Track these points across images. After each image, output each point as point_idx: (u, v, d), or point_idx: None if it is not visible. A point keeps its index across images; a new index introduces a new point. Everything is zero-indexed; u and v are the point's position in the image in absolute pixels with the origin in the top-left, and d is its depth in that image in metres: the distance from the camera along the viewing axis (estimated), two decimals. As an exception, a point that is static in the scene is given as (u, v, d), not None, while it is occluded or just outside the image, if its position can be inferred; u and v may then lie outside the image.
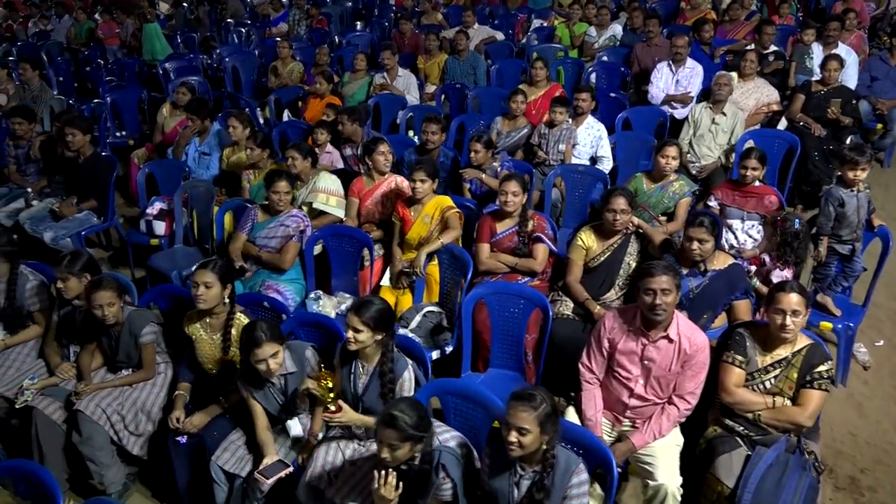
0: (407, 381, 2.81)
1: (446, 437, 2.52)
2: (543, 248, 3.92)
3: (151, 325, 3.35)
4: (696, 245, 3.37)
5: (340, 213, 4.52)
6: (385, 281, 4.15)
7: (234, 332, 3.16)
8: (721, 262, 3.47)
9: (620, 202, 3.64)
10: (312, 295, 4.09)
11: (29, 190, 5.39)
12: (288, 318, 3.40)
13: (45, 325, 3.68)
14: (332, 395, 2.72)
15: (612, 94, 6.30)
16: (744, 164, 4.11)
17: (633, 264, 3.76)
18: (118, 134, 7.20)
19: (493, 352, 3.55)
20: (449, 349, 3.70)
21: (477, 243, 4.03)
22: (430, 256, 3.99)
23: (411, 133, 6.30)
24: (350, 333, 2.76)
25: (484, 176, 4.76)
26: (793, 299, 2.70)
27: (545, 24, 9.19)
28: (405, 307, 3.96)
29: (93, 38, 10.40)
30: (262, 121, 6.97)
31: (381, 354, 2.84)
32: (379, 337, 2.79)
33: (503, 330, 3.50)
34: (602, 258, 3.77)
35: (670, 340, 2.86)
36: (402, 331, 3.76)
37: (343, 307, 4.08)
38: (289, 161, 4.45)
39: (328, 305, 4.04)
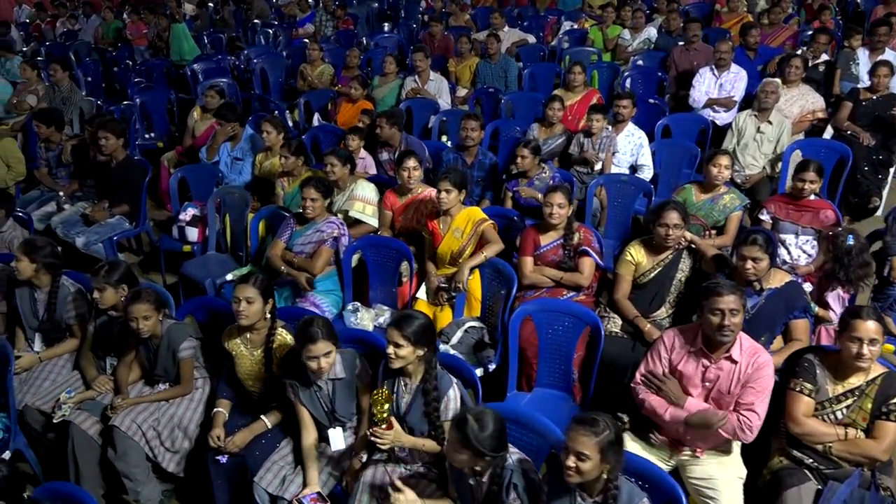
0: (452, 401, 2.70)
1: (515, 457, 2.40)
2: (590, 262, 3.79)
3: (190, 340, 3.26)
4: (750, 264, 3.22)
5: (376, 223, 4.42)
6: (421, 295, 4.02)
7: (275, 347, 3.06)
8: (777, 280, 3.32)
9: (673, 216, 3.50)
10: (350, 307, 3.98)
11: (61, 193, 5.34)
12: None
13: (81, 336, 3.60)
14: (385, 413, 2.61)
15: (652, 101, 6.13)
16: (800, 176, 3.95)
17: (685, 280, 3.62)
18: (147, 136, 7.14)
19: (539, 370, 3.42)
20: (492, 367, 3.58)
21: (520, 256, 3.91)
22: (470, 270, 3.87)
23: (444, 138, 6.18)
24: (391, 349, 2.67)
25: (540, 196, 4.59)
26: (870, 327, 2.56)
27: (575, 27, 9.04)
28: (444, 323, 3.84)
29: (120, 38, 10.41)
30: (290, 124, 6.89)
31: (423, 371, 2.73)
32: (421, 352, 2.69)
33: (551, 348, 3.37)
34: (652, 274, 3.63)
35: (733, 361, 2.74)
36: (442, 347, 3.65)
37: (381, 320, 3.98)
38: (327, 168, 4.35)
39: (366, 318, 3.93)
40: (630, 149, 5.32)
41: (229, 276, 4.46)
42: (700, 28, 6.74)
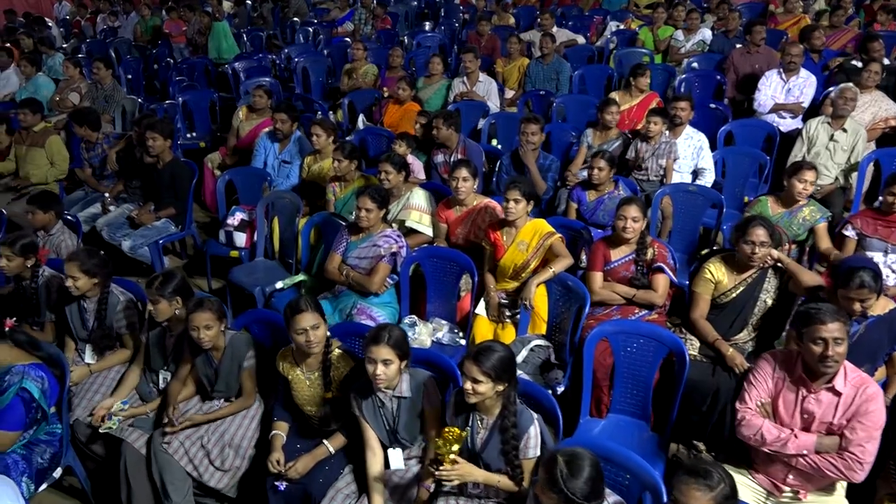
0: (533, 438, 2.49)
1: (612, 499, 2.20)
2: (665, 278, 3.57)
3: (252, 350, 3.11)
4: (858, 306, 2.95)
5: (431, 233, 4.24)
6: (480, 311, 3.82)
7: (333, 371, 2.89)
8: (880, 306, 3.06)
9: (760, 233, 3.25)
10: (407, 320, 3.81)
11: (106, 195, 5.24)
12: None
13: (133, 347, 3.47)
14: (454, 451, 2.42)
15: (713, 105, 5.86)
16: (892, 189, 3.68)
17: (770, 302, 3.37)
18: (188, 135, 7.04)
19: (614, 395, 3.21)
20: (560, 389, 3.37)
21: (588, 271, 3.69)
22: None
23: (494, 141, 5.99)
24: (469, 385, 2.45)
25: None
26: None
27: (622, 27, 8.77)
28: (507, 340, 3.63)
29: (158, 36, 10.36)
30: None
31: (502, 406, 2.53)
32: (501, 388, 2.48)
33: (628, 373, 3.15)
34: (734, 294, 3.39)
35: (836, 393, 2.52)
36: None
37: (439, 335, 3.80)
38: (381, 174, 4.17)
39: (424, 332, 3.75)
40: (690, 152, 5.08)
41: (279, 285, 4.31)
42: (765, 31, 6.43)
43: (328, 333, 2.90)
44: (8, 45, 8.82)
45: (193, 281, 5.20)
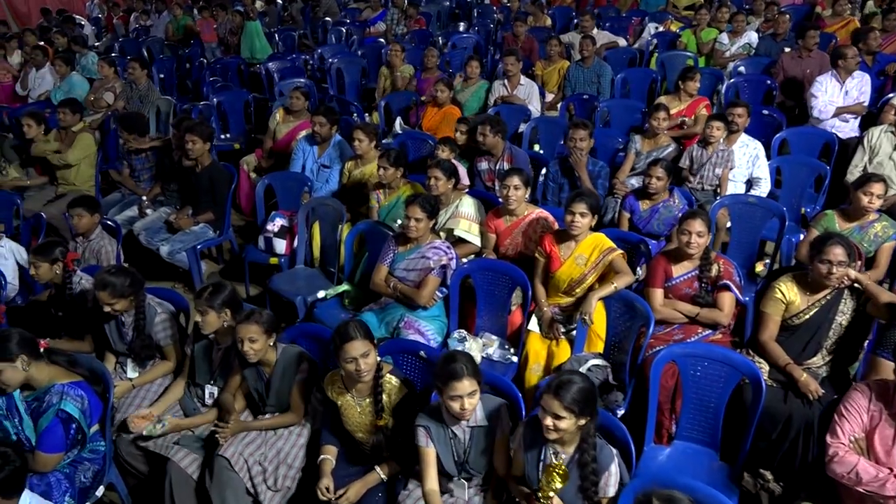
0: (613, 476, 2.33)
1: None
2: (731, 297, 3.39)
3: (306, 364, 2.98)
4: None
5: (479, 243, 4.09)
6: (532, 326, 3.66)
7: (385, 397, 2.75)
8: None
9: (838, 252, 3.06)
10: (456, 335, 3.66)
11: (144, 198, 5.15)
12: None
13: (176, 359, 3.36)
14: (557, 489, 2.27)
15: (766, 112, 5.64)
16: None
17: (845, 325, 3.18)
18: (223, 136, 6.94)
19: (681, 422, 3.04)
20: (620, 412, 3.21)
21: (648, 288, 3.52)
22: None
23: (537, 147, 5.81)
24: (549, 420, 2.29)
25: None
26: None
27: (661, 29, 8.55)
28: (561, 359, 3.48)
29: (190, 35, 10.31)
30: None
31: (580, 441, 2.37)
32: (582, 422, 2.32)
33: (697, 398, 2.98)
34: (807, 315, 3.20)
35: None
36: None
37: (489, 351, 3.65)
38: (430, 181, 4.03)
39: (474, 348, 3.60)
40: (746, 161, 4.89)
41: (321, 294, 4.19)
42: (818, 35, 6.20)
43: (378, 357, 2.76)
44: (42, 43, 8.82)
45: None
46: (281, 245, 4.59)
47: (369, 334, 2.70)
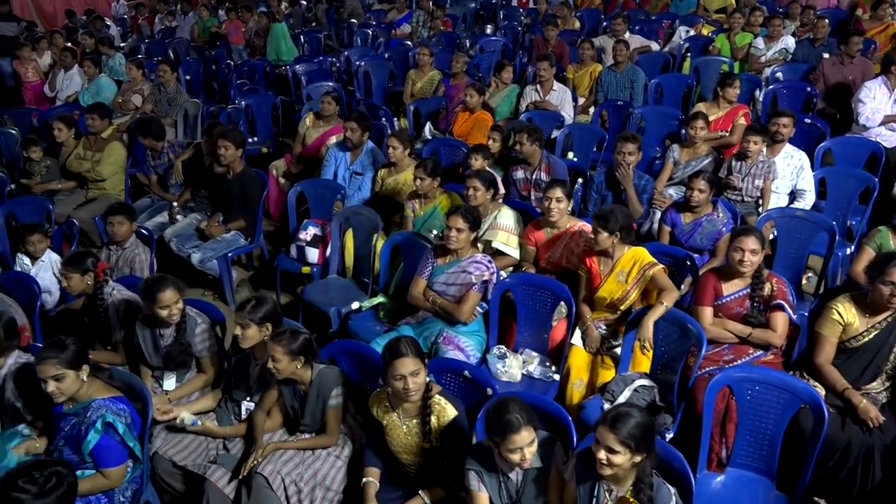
0: (670, 516, 2.23)
1: None
2: (785, 318, 3.26)
3: (340, 388, 2.90)
4: None
5: (517, 256, 3.99)
6: (576, 341, 3.56)
7: (433, 419, 2.66)
8: None
9: (902, 274, 2.93)
10: (496, 351, 3.57)
11: (174, 204, 5.10)
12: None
13: (213, 372, 3.30)
14: None
15: (808, 120, 5.49)
16: None
17: (908, 349, 3.05)
18: (250, 140, 6.88)
19: (735, 448, 2.92)
20: (669, 436, 3.10)
21: (696, 306, 3.40)
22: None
23: (570, 154, 5.70)
24: (602, 454, 2.18)
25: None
26: None
27: (692, 32, 8.39)
28: (606, 377, 3.38)
29: (216, 36, 10.29)
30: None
31: (636, 478, 2.25)
32: (638, 459, 2.20)
33: (753, 424, 2.86)
34: (866, 338, 3.07)
35: None
36: (606, 406, 3.20)
37: (530, 368, 3.55)
38: (469, 191, 3.94)
39: (514, 365, 3.51)
40: (790, 172, 4.74)
41: (355, 305, 4.12)
42: (862, 41, 6.03)
43: (428, 378, 2.67)
44: (70, 45, 8.85)
45: (260, 293, 5.05)
46: (313, 254, 4.52)
47: (420, 352, 2.62)
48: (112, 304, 3.44)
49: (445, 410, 2.67)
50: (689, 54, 7.85)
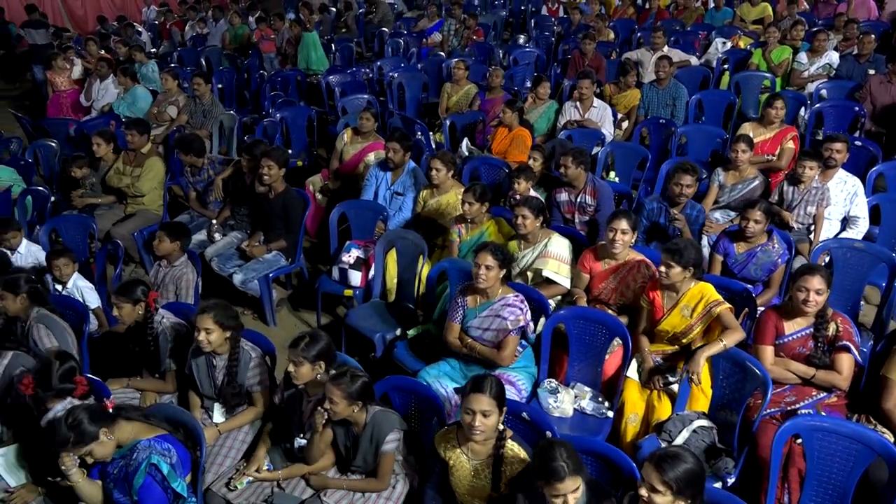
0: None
1: None
2: (850, 359, 3.16)
3: (396, 432, 2.84)
4: None
5: (569, 285, 3.91)
6: (632, 374, 3.48)
7: (506, 468, 2.59)
8: None
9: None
10: (547, 385, 3.50)
11: (213, 221, 5.08)
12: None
13: (264, 406, 3.26)
14: None
15: (858, 143, 5.35)
16: None
17: (983, 396, 2.94)
18: (285, 153, 6.86)
19: (802, 500, 2.82)
20: (731, 480, 3.01)
21: (757, 345, 3.31)
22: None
23: (612, 174, 5.62)
24: (644, 492, 2.18)
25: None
26: None
27: (729, 44, 8.24)
28: (662, 414, 3.30)
29: (247, 44, 10.30)
30: (433, 146, 6.46)
31: None
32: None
33: (823, 476, 2.77)
34: (938, 384, 2.97)
35: None
36: (663, 446, 3.11)
37: (582, 403, 3.47)
38: (517, 219, 3.87)
39: (566, 400, 3.44)
40: (843, 198, 4.63)
41: (399, 332, 4.07)
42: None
43: (501, 426, 2.60)
44: (105, 54, 8.89)
45: (299, 314, 5.02)
46: (356, 277, 4.47)
47: (501, 396, 2.57)
48: (162, 332, 3.41)
49: (518, 459, 2.60)
50: (724, 66, 7.74)
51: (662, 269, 3.34)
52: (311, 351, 2.91)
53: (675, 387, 3.38)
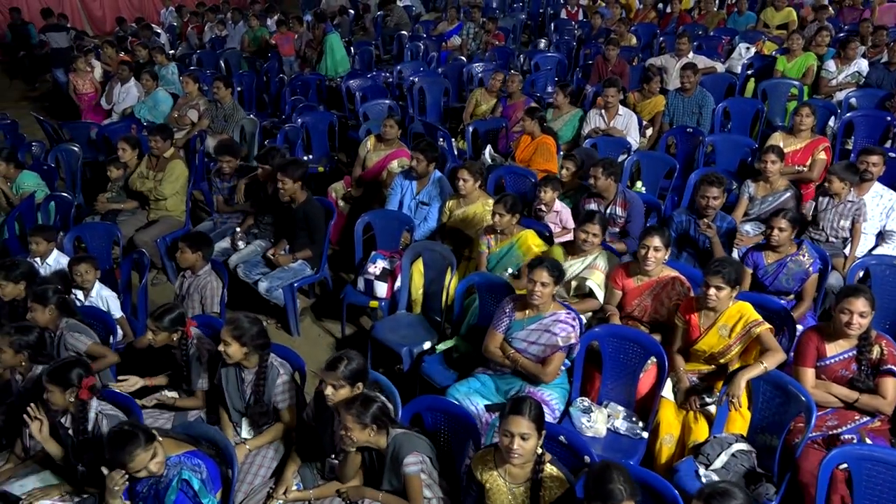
0: None
1: None
2: (895, 383, 3.07)
3: (417, 455, 2.76)
4: None
5: (602, 301, 3.85)
6: (666, 393, 3.41)
7: (545, 493, 2.53)
8: None
9: None
10: (580, 404, 3.43)
11: (237, 229, 5.04)
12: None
13: (291, 423, 3.21)
14: None
15: (893, 154, 5.23)
16: None
17: None
18: (305, 158, 6.79)
19: (848, 530, 2.75)
20: (771, 507, 2.94)
21: (798, 366, 3.22)
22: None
23: (639, 184, 5.54)
24: None
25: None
26: None
27: (753, 49, 8.13)
28: (699, 436, 3.23)
29: (266, 46, 10.27)
30: (455, 153, 6.40)
31: None
32: None
33: (870, 506, 2.69)
34: None
35: None
36: (701, 470, 3.05)
37: (616, 423, 3.40)
38: (583, 235, 3.81)
39: (599, 420, 3.37)
40: (878, 213, 4.54)
41: (427, 345, 4.02)
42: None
43: (540, 450, 2.55)
44: (126, 56, 8.89)
45: (322, 324, 4.98)
46: (382, 288, 4.42)
47: (540, 419, 2.52)
48: (194, 353, 3.38)
49: (558, 483, 2.54)
50: (748, 71, 7.63)
51: (712, 291, 3.24)
52: (349, 374, 2.86)
53: (712, 408, 3.32)
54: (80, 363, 2.97)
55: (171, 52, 10.86)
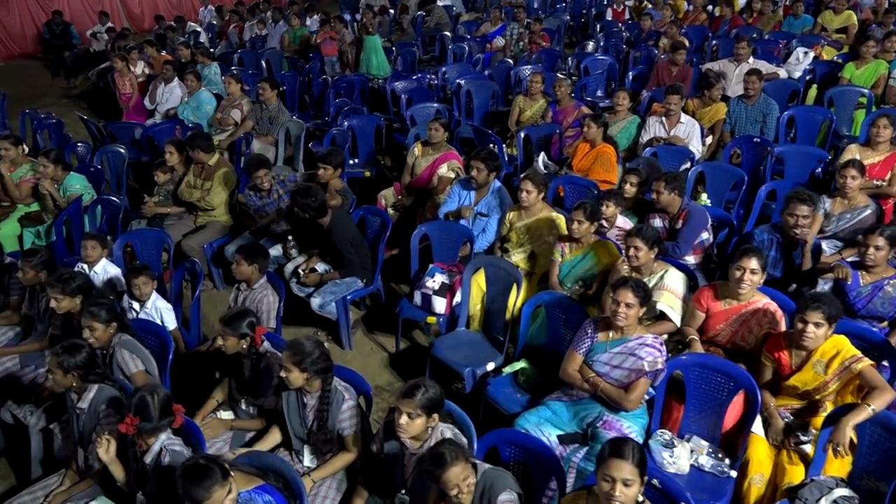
0: None
1: None
2: None
3: (510, 493, 2.58)
4: None
5: (679, 322, 3.62)
6: (757, 429, 3.16)
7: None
8: None
9: None
10: (660, 437, 3.20)
11: (290, 238, 4.88)
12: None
13: (357, 452, 3.04)
14: None
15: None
16: None
17: None
18: (351, 162, 6.64)
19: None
20: (881, 562, 2.69)
21: None
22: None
23: (704, 196, 5.27)
24: None
25: None
26: None
27: (812, 54, 7.79)
28: (794, 477, 2.99)
29: (306, 46, 10.16)
30: (505, 159, 6.18)
31: None
32: None
33: None
34: None
35: None
36: (795, 515, 2.81)
37: (700, 459, 3.17)
38: (630, 251, 3.59)
39: (682, 455, 3.14)
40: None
41: (491, 366, 3.82)
42: None
43: (641, 497, 2.34)
44: (169, 57, 8.82)
45: (375, 337, 4.81)
46: (441, 304, 4.23)
47: (643, 464, 2.32)
48: (266, 366, 3.22)
49: None
50: (808, 78, 7.32)
51: (810, 329, 2.98)
52: (426, 402, 2.67)
53: (807, 447, 3.07)
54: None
55: (211, 51, 10.81)
